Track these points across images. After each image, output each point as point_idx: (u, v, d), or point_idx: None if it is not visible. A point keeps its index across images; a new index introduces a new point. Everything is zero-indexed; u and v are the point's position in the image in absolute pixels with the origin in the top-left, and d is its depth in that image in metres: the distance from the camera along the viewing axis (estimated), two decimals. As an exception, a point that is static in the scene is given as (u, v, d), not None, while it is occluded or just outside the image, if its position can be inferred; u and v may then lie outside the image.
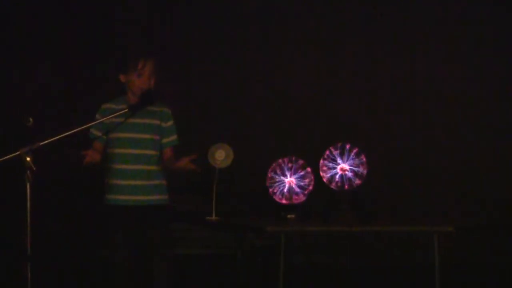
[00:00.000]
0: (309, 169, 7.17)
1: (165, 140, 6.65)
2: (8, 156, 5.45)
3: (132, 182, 6.49)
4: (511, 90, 10.97)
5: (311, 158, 7.26)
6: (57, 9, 10.33)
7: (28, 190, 5.43)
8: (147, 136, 6.59)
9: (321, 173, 7.12)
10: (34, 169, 5.46)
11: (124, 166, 6.53)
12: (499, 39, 11.00)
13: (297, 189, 7.15)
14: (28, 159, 5.45)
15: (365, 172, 7.10)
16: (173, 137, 6.72)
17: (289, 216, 7.13)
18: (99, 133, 6.60)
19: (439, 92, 11.03)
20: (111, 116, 6.34)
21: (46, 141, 5.59)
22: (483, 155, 10.71)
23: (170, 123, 6.70)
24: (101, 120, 6.31)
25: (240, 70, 10.50)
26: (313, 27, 10.94)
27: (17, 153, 5.46)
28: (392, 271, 8.42)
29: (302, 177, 7.15)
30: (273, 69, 10.60)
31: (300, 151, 7.57)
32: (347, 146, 7.14)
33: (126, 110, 6.30)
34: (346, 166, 7.09)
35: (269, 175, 7.19)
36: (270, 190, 7.18)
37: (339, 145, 7.18)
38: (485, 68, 11.02)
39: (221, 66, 10.45)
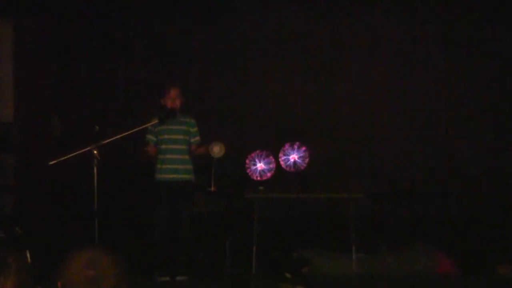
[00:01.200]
0: (273, 158, 7.48)
1: (192, 140, 7.13)
2: (83, 150, 5.75)
3: (173, 166, 6.95)
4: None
5: (275, 151, 7.52)
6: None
7: (95, 172, 5.74)
8: (181, 137, 7.07)
9: (280, 160, 7.49)
10: (99, 158, 5.75)
11: (168, 156, 7.00)
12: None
13: (265, 171, 7.46)
14: (95, 152, 5.77)
15: (307, 160, 7.43)
16: (197, 138, 7.19)
17: (260, 187, 7.46)
18: (153, 137, 7.09)
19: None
20: (148, 125, 6.81)
21: (107, 141, 5.93)
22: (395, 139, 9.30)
23: (195, 129, 7.20)
24: (142, 126, 6.67)
25: (229, 87, 9.34)
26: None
27: (88, 148, 5.77)
28: (325, 221, 8.38)
29: (268, 163, 7.46)
30: (252, 87, 9.37)
31: (268, 146, 7.80)
32: (297, 143, 7.51)
33: (157, 121, 6.79)
34: (296, 156, 7.47)
35: (247, 161, 7.52)
36: (248, 171, 7.51)
37: (291, 142, 7.53)
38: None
39: (217, 84, 9.33)
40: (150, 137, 7.09)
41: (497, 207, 8.84)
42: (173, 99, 7.04)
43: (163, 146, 7.01)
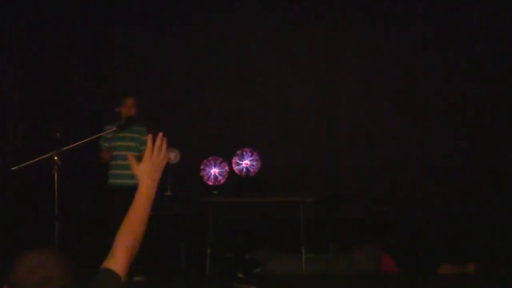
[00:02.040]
0: (226, 164, 7.74)
1: (142, 148, 7.13)
2: (44, 156, 5.68)
3: (125, 172, 6.95)
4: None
5: (229, 157, 7.77)
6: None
7: (56, 177, 5.72)
8: (133, 144, 7.21)
9: (234, 166, 7.75)
10: (59, 164, 5.71)
11: (119, 162, 7.14)
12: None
13: (219, 176, 7.71)
14: (56, 158, 5.70)
15: (259, 165, 7.72)
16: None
17: (214, 192, 7.71)
18: (106, 144, 7.21)
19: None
20: (105, 132, 6.86)
21: (67, 147, 5.78)
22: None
23: (145, 137, 7.24)
24: (100, 134, 6.71)
25: (185, 93, 9.38)
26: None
27: (49, 154, 5.71)
28: (277, 223, 8.38)
29: (222, 168, 7.72)
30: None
31: (221, 152, 8.02)
32: (248, 149, 7.78)
33: (115, 128, 6.90)
34: (248, 161, 7.75)
35: (201, 167, 7.77)
36: (203, 176, 7.76)
37: (244, 149, 7.80)
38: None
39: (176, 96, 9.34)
40: (104, 144, 7.22)
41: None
42: (128, 107, 7.20)
43: (116, 152, 7.16)
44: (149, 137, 2.80)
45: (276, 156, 9.03)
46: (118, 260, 2.63)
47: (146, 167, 2.81)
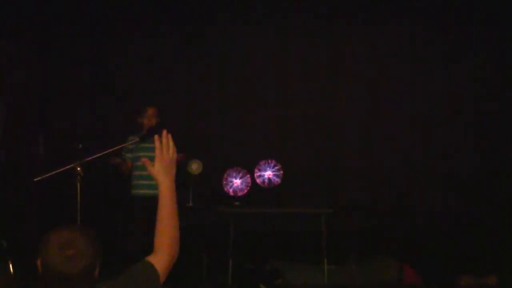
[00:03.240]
0: (248, 175, 7.73)
1: None
2: (67, 167, 5.66)
3: (149, 182, 6.84)
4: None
5: (251, 167, 7.77)
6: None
7: (79, 188, 5.82)
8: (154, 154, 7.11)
9: (256, 177, 7.76)
10: (82, 175, 5.81)
11: (142, 173, 7.03)
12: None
13: (241, 187, 7.71)
14: (79, 169, 5.80)
15: (281, 177, 7.71)
16: None
17: (236, 203, 7.70)
18: (129, 155, 7.18)
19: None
20: (128, 143, 6.80)
21: (90, 158, 5.77)
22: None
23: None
24: (123, 145, 6.58)
25: (207, 105, 9.16)
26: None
27: (72, 165, 5.75)
28: (298, 234, 8.22)
29: (244, 179, 7.71)
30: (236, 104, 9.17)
31: (243, 163, 7.99)
32: (271, 161, 7.79)
33: (137, 140, 6.65)
34: (270, 172, 7.75)
35: (224, 178, 7.77)
36: (225, 187, 7.76)
37: (266, 160, 7.81)
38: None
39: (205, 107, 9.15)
40: (127, 155, 7.18)
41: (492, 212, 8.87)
42: (149, 118, 7.13)
43: (140, 163, 6.96)
44: (156, 138, 2.98)
45: (294, 166, 8.84)
46: (159, 256, 2.77)
47: (160, 165, 2.98)
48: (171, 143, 2.94)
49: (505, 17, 9.19)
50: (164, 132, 2.90)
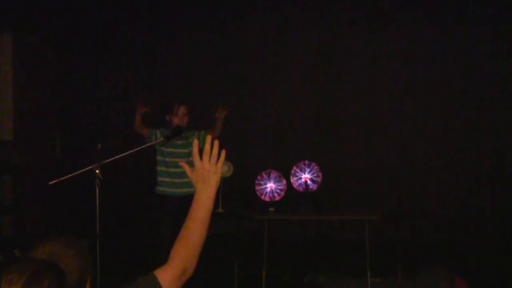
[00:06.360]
0: (283, 178, 7.33)
1: (202, 138, 6.77)
2: (84, 169, 5.48)
3: (176, 180, 6.82)
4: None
5: (287, 170, 7.37)
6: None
7: (97, 191, 5.47)
8: (186, 150, 6.88)
9: (292, 181, 7.32)
10: (101, 177, 5.47)
11: (169, 169, 6.90)
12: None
13: (276, 192, 7.31)
14: (97, 171, 5.48)
15: (319, 180, 7.29)
16: (205, 132, 6.87)
17: (270, 209, 7.30)
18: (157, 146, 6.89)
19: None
20: (153, 142, 6.49)
21: (109, 160, 5.59)
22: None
23: (200, 132, 6.94)
24: (147, 145, 6.34)
25: (238, 105, 9.12)
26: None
27: (90, 167, 5.47)
28: (339, 243, 8.36)
29: (279, 183, 7.31)
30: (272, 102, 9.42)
31: (278, 165, 7.72)
32: (309, 162, 7.34)
33: (163, 139, 6.43)
34: (308, 175, 7.31)
35: (257, 181, 7.37)
36: (258, 191, 7.38)
37: (303, 161, 7.38)
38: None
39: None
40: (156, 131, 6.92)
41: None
42: (181, 117, 6.89)
43: (167, 159, 6.90)
44: (207, 141, 2.77)
45: (332, 169, 8.69)
46: (168, 269, 2.60)
47: (198, 170, 2.75)
48: (222, 158, 2.76)
49: (505, 17, 9.30)
50: (216, 143, 2.74)
